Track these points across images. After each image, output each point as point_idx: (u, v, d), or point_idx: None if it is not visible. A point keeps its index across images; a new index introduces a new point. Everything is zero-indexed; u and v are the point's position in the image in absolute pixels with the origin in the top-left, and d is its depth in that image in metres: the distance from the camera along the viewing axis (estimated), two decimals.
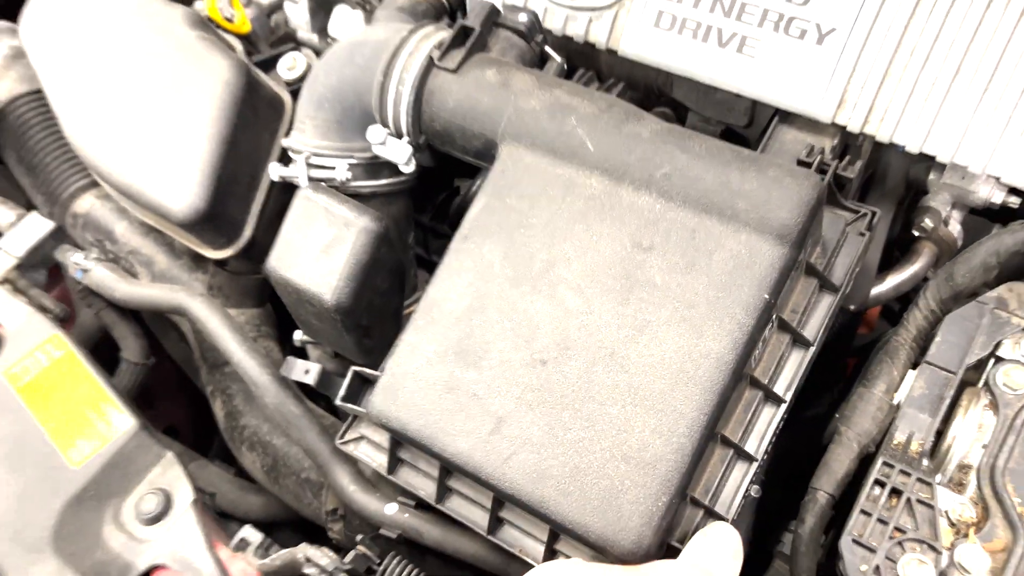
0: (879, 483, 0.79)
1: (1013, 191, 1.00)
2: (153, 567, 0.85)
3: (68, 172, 1.29)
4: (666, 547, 0.74)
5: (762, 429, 0.79)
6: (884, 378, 0.87)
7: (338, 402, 0.87)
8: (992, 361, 0.83)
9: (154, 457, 0.91)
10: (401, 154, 0.95)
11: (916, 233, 1.06)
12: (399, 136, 0.96)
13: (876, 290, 1.07)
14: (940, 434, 0.84)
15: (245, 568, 0.85)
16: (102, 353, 1.20)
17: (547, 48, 1.01)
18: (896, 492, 0.79)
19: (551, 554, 0.80)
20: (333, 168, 0.99)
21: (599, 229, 0.80)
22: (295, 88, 1.24)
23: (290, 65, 1.24)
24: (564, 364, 0.77)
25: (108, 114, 1.13)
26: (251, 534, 0.90)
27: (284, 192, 1.10)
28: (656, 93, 1.14)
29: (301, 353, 1.15)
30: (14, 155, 1.34)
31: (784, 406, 0.79)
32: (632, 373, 0.75)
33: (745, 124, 1.11)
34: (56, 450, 0.90)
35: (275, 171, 1.02)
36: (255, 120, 1.11)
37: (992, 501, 0.77)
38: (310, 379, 1.03)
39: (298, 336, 1.13)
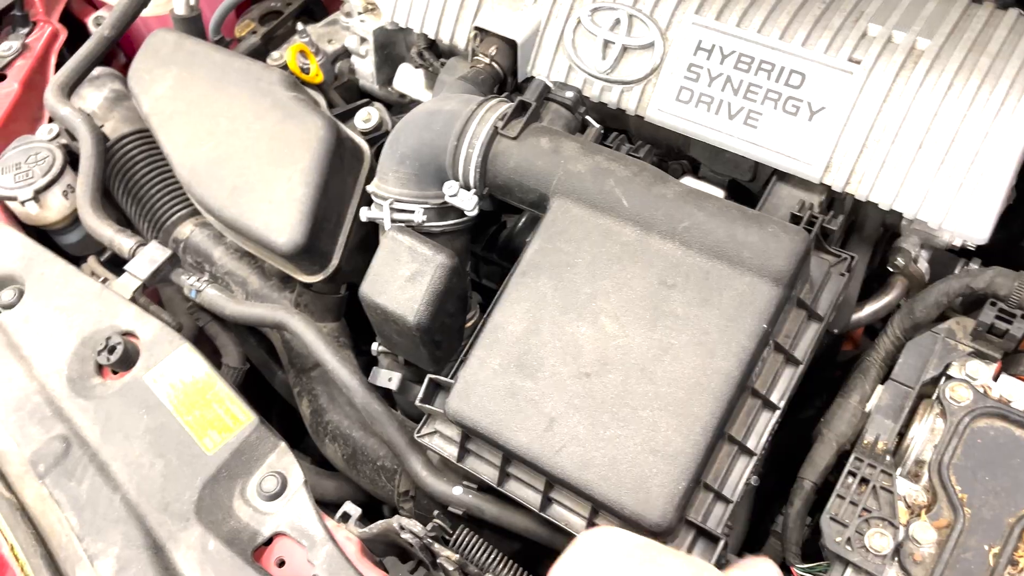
0: (851, 474, 1.01)
1: None
2: (276, 534, 1.06)
3: (171, 203, 1.51)
4: (684, 522, 0.95)
5: (760, 430, 1.00)
6: (858, 391, 1.09)
7: (418, 402, 1.09)
8: (943, 379, 1.04)
9: (271, 446, 1.13)
10: (469, 203, 1.17)
11: (890, 269, 1.28)
12: (467, 188, 1.18)
13: (857, 315, 1.29)
14: (902, 436, 1.06)
15: (348, 535, 1.07)
16: None
17: (587, 117, 1.23)
18: (865, 481, 1.01)
19: (591, 528, 1.01)
20: (412, 212, 1.21)
21: (632, 269, 1.02)
22: (370, 137, 1.46)
23: (365, 118, 1.47)
24: (604, 376, 0.98)
25: (215, 159, 1.36)
26: (352, 508, 1.11)
27: (363, 227, 1.32)
28: (676, 151, 1.36)
29: (376, 361, 1.37)
30: (120, 187, 1.56)
31: (778, 412, 1.01)
32: (658, 384, 0.96)
33: (749, 179, 1.33)
34: (194, 439, 1.12)
35: (364, 213, 1.24)
36: (341, 168, 1.33)
37: (939, 489, 0.99)
38: (393, 385, 1.25)
39: (375, 347, 1.35)
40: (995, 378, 1.03)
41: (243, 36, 1.87)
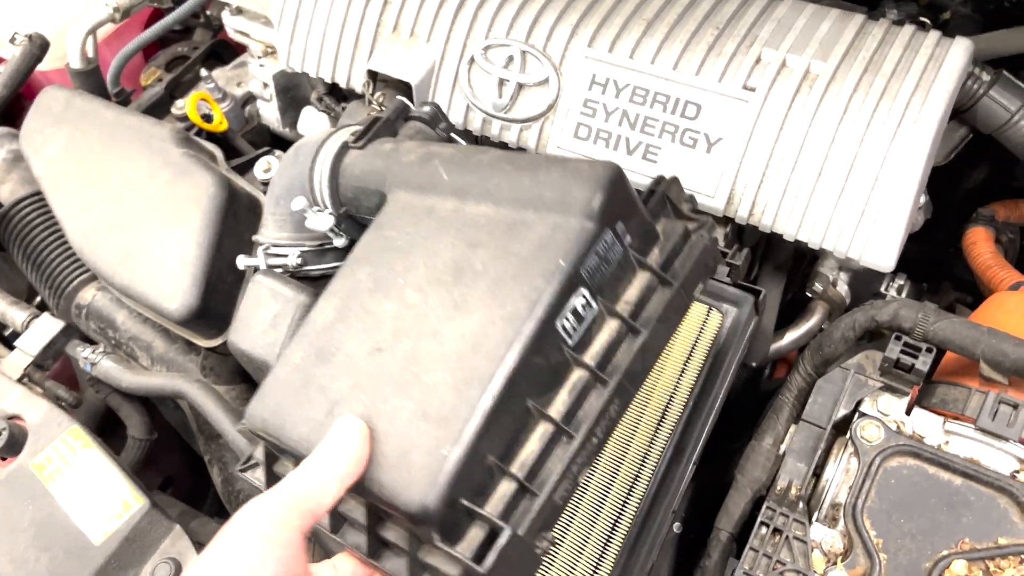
0: (764, 524, 0.97)
1: None
2: None
3: (71, 267, 1.45)
4: (468, 512, 0.75)
5: (591, 411, 0.82)
6: (771, 432, 1.05)
7: (238, 428, 0.99)
8: (856, 416, 1.00)
9: (164, 530, 1.07)
10: (323, 223, 1.09)
11: (809, 295, 1.24)
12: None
13: (776, 345, 1.25)
14: (818, 477, 1.01)
15: None
16: (104, 425, 1.37)
17: (452, 135, 1.17)
18: (778, 531, 0.96)
19: (375, 539, 0.83)
20: (286, 256, 1.16)
21: (445, 239, 0.90)
22: None
23: (265, 168, 1.41)
24: (396, 348, 0.84)
25: (107, 222, 1.30)
26: None
27: None
28: None
29: None
30: (19, 252, 1.50)
31: (609, 388, 0.82)
32: (445, 344, 0.81)
33: None
34: (80, 530, 1.06)
35: (241, 262, 1.18)
36: (236, 224, 1.27)
37: (854, 534, 0.94)
38: None
39: None
40: (908, 412, 0.99)
41: (148, 85, 1.82)
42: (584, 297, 0.83)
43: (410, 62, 1.29)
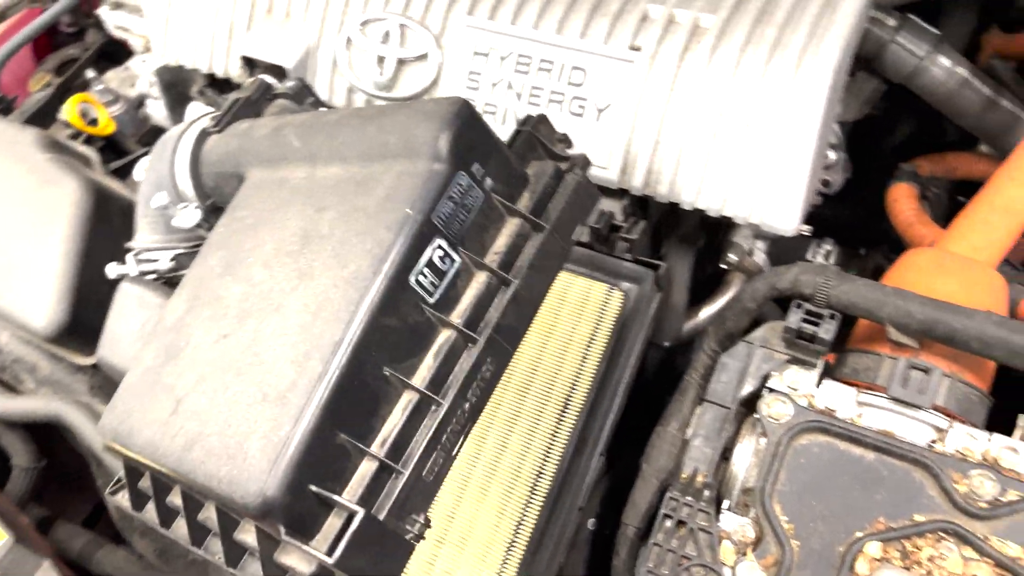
0: (667, 516, 0.90)
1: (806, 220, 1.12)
2: None
3: None
4: (321, 500, 0.68)
5: (460, 375, 0.74)
6: (676, 416, 0.97)
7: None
8: (765, 392, 0.93)
9: (32, 566, 0.99)
10: (190, 219, 1.01)
11: (724, 266, 1.17)
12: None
13: (691, 322, 1.18)
14: (728, 460, 0.94)
15: None
16: None
17: (323, 109, 1.09)
18: (682, 523, 0.89)
19: (232, 545, 0.75)
20: (158, 260, 1.07)
21: (295, 209, 0.82)
22: None
23: (147, 167, 1.32)
24: (240, 331, 0.77)
25: None
26: None
27: None
28: None
29: None
30: None
31: (480, 345, 0.75)
32: (288, 318, 0.74)
33: None
34: None
35: (111, 270, 1.09)
36: (109, 231, 1.18)
37: (764, 521, 0.87)
38: None
39: None
40: (818, 384, 0.92)
41: (38, 90, 1.71)
42: (442, 248, 0.75)
43: (285, 45, 1.20)
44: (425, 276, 0.73)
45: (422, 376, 0.73)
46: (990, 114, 1.17)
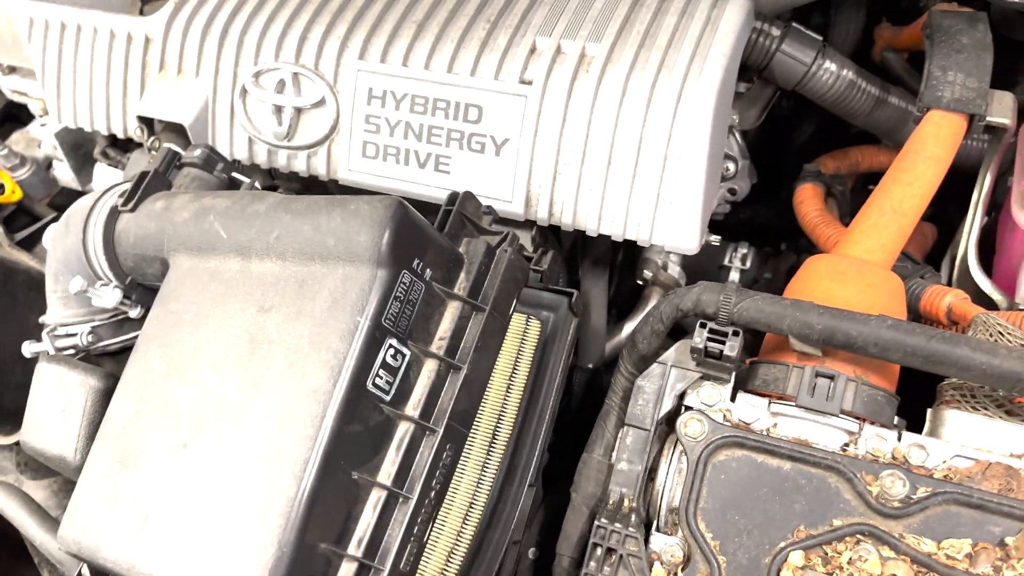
0: (597, 545, 0.90)
1: (712, 230, 1.14)
2: None
3: None
4: None
5: (422, 466, 0.77)
6: (600, 442, 0.98)
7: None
8: (682, 410, 0.94)
9: None
10: (110, 299, 1.00)
11: (640, 283, 1.18)
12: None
13: (615, 340, 1.19)
14: (654, 482, 0.95)
15: None
16: None
17: (235, 174, 1.08)
18: (611, 551, 0.90)
19: None
20: (76, 335, 1.05)
21: (233, 305, 0.83)
22: None
23: (53, 243, 1.29)
24: (200, 442, 0.78)
25: None
26: None
27: None
28: None
29: None
30: None
31: (439, 434, 0.78)
32: (250, 430, 0.75)
33: None
34: None
35: (27, 349, 1.07)
36: (13, 306, 1.16)
37: (690, 539, 0.89)
38: None
39: None
40: (732, 399, 0.94)
41: None
42: (393, 347, 0.78)
43: (181, 101, 1.19)
44: (381, 377, 0.76)
45: (387, 472, 0.76)
46: (880, 112, 1.20)
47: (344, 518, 0.74)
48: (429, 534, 0.78)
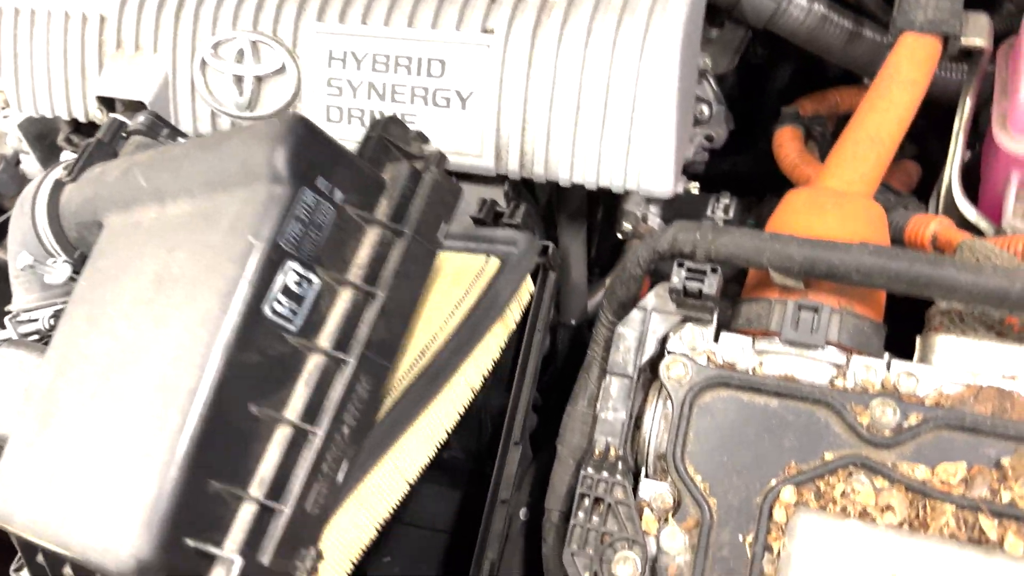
0: (584, 496, 0.88)
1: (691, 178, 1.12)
2: None
3: None
4: (201, 554, 0.66)
5: (337, 399, 0.73)
6: (584, 393, 0.96)
7: None
8: (665, 354, 0.92)
9: None
10: (60, 274, 0.97)
11: (620, 236, 1.16)
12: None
13: (597, 297, 1.17)
14: (640, 429, 0.93)
15: None
16: None
17: (179, 139, 1.05)
18: (599, 500, 0.88)
19: None
20: (38, 320, 1.03)
21: (148, 252, 0.79)
22: None
23: (10, 227, 1.27)
24: (105, 390, 0.75)
25: None
26: None
27: None
28: None
29: None
30: None
31: (351, 365, 0.73)
32: (149, 370, 0.72)
33: None
34: None
35: None
36: None
37: (679, 484, 0.87)
38: None
39: None
40: (716, 339, 0.92)
41: None
42: (296, 272, 0.72)
43: (140, 78, 1.16)
44: (282, 304, 0.71)
45: (295, 408, 0.71)
46: (854, 46, 1.17)
47: (243, 456, 0.68)
48: (344, 474, 0.72)
